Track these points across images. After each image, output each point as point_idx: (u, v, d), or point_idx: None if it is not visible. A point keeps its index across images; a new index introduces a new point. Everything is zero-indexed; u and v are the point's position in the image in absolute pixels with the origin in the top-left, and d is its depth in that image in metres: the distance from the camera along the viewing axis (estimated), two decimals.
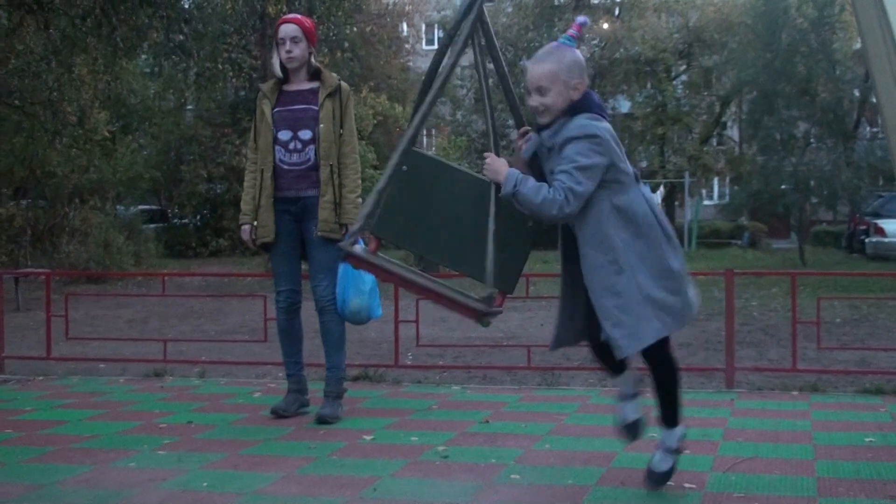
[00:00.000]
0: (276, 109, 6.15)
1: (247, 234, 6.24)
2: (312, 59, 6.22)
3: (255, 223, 6.17)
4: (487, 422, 6.12)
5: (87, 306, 14.05)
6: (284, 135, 6.11)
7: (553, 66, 4.17)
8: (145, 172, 33.14)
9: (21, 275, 15.37)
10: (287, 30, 6.13)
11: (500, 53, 4.78)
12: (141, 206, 33.39)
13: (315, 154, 6.09)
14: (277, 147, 6.12)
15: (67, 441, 5.64)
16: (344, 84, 6.27)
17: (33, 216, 23.67)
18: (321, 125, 6.07)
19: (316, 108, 6.10)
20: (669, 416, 4.51)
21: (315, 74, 6.23)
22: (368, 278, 6.05)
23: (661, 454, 4.48)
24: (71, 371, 8.47)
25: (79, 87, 23.65)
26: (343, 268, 6.01)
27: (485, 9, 4.63)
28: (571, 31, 4.26)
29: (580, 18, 4.34)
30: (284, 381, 6.48)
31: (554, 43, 4.28)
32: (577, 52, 4.26)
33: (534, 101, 4.21)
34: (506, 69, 4.74)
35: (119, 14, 18.29)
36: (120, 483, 4.68)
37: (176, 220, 36.08)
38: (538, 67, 4.20)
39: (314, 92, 6.16)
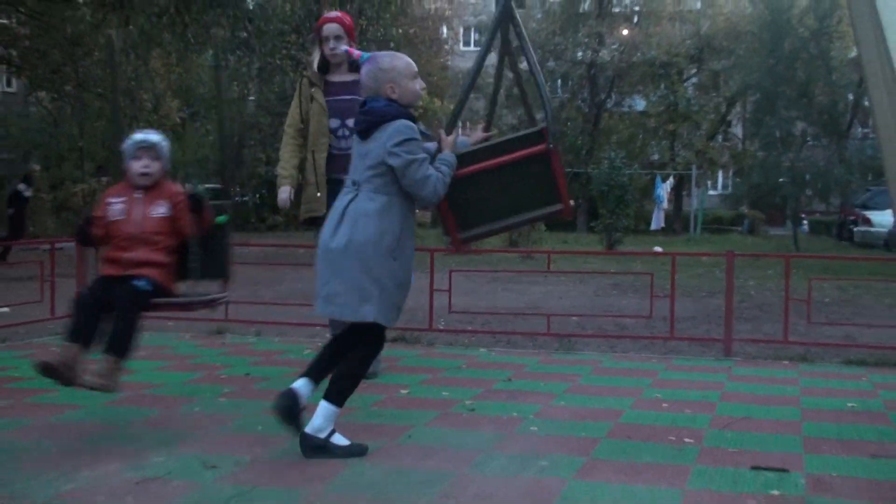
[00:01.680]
0: (325, 99, 6.13)
1: (286, 194, 6.20)
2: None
3: (305, 198, 6.18)
4: (510, 380, 6.15)
5: None
6: (333, 123, 6.08)
7: None
8: (211, 155, 33.31)
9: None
10: (331, 28, 6.08)
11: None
12: (207, 185, 33.57)
13: None
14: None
15: (140, 388, 5.72)
16: None
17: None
18: None
19: (361, 98, 6.08)
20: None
21: (356, 67, 6.20)
22: None
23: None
24: (143, 327, 8.53)
25: (154, 77, 23.81)
26: None
27: (516, 12, 4.67)
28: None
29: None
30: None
31: None
32: None
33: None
34: (537, 67, 4.74)
35: (191, 13, 18.37)
36: (185, 425, 4.74)
37: (237, 198, 36.27)
38: None
39: (357, 83, 6.13)
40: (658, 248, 20.67)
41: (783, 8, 26.34)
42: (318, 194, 6.11)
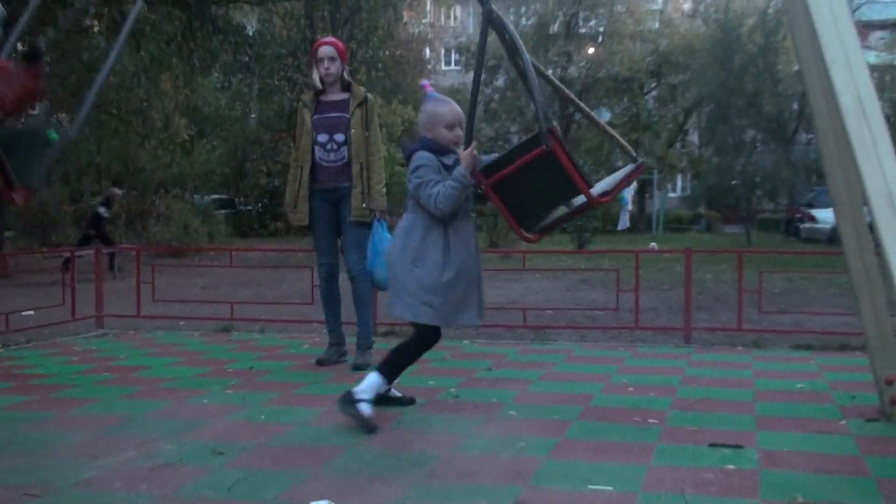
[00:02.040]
0: (315, 117, 6.12)
1: (294, 218, 6.30)
2: (345, 75, 6.19)
3: (296, 209, 6.22)
4: (491, 369, 6.14)
5: (170, 275, 14.11)
6: (322, 137, 6.10)
7: None
8: (217, 168, 33.29)
9: (117, 250, 15.47)
10: (325, 50, 6.12)
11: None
12: (213, 196, 33.50)
13: (348, 153, 6.09)
14: (317, 148, 6.11)
15: (153, 382, 5.69)
16: (370, 95, 6.23)
17: (127, 203, 23.80)
18: (352, 130, 6.06)
19: (348, 115, 6.08)
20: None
21: (346, 87, 6.20)
22: None
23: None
24: (156, 327, 8.53)
25: (163, 98, 23.75)
26: (371, 244, 6.02)
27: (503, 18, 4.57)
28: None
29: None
30: (327, 336, 6.51)
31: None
32: None
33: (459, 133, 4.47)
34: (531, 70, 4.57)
35: (196, 39, 18.32)
36: (195, 415, 4.71)
37: (241, 207, 36.20)
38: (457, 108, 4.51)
39: (346, 102, 6.13)
40: (653, 245, 20.72)
41: (733, 26, 26.47)
42: (300, 209, 6.14)
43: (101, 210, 17.89)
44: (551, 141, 4.25)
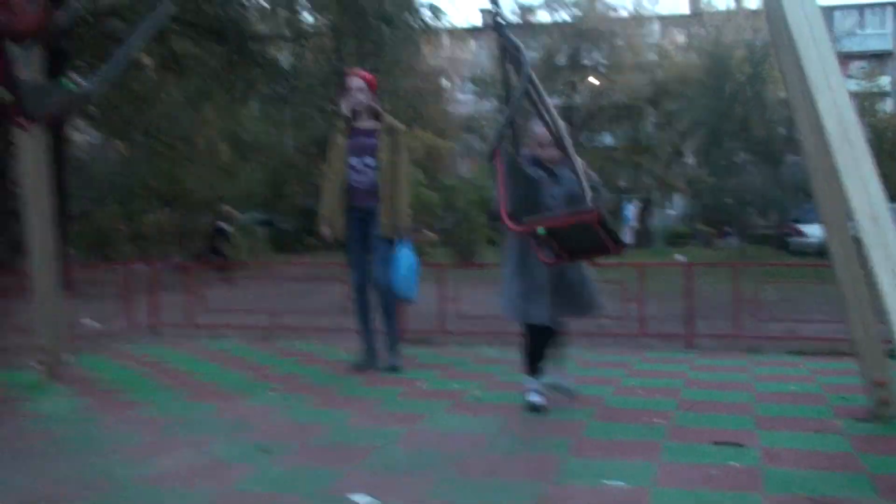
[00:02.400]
0: (348, 142, 6.15)
1: (326, 230, 6.24)
2: (374, 104, 6.21)
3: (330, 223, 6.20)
4: (510, 373, 6.11)
5: (217, 287, 14.14)
6: (354, 161, 6.11)
7: None
8: (257, 189, 33.35)
9: (174, 266, 15.56)
10: (355, 82, 6.15)
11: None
12: (255, 214, 33.59)
13: (377, 176, 6.08)
14: (349, 170, 6.13)
15: (204, 386, 5.69)
16: (398, 123, 6.26)
17: (178, 222, 23.92)
18: (381, 154, 6.07)
19: (376, 141, 6.09)
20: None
21: (376, 115, 6.21)
22: (404, 268, 6.01)
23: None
24: (206, 335, 8.54)
25: (207, 126, 23.90)
26: (394, 259, 6.00)
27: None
28: None
29: None
30: (360, 342, 6.49)
31: None
32: None
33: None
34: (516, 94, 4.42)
35: (237, 73, 18.43)
36: (242, 416, 4.72)
37: (280, 225, 36.31)
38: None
39: (375, 129, 6.15)
40: (679, 257, 20.51)
41: (724, 57, 26.44)
42: (335, 225, 6.14)
43: (225, 226, 18.47)
44: (494, 157, 4.34)
